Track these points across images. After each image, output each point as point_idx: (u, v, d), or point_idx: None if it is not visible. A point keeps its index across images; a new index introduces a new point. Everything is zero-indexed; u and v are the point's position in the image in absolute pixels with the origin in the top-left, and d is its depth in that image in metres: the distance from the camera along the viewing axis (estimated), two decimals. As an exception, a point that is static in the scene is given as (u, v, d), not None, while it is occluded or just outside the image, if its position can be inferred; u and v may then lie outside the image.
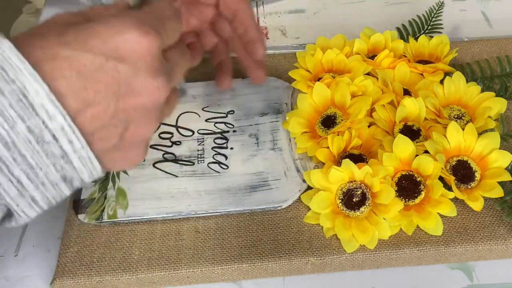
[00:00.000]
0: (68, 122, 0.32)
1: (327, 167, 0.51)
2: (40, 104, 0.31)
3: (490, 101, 0.57)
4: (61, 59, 0.32)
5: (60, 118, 0.31)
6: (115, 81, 0.33)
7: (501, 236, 0.50)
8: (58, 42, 0.32)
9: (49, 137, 0.31)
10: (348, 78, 0.57)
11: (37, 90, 0.31)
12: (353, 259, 0.49)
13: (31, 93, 0.30)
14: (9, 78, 0.30)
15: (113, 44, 0.33)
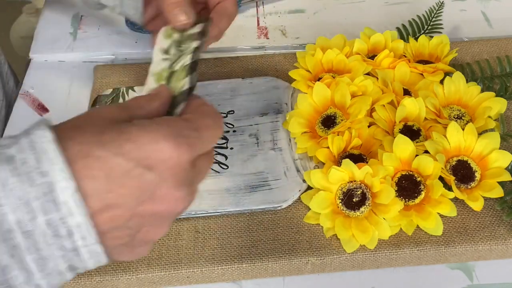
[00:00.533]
0: (86, 221, 0.32)
1: (327, 167, 0.51)
2: (64, 201, 0.31)
3: (490, 101, 0.57)
4: (94, 159, 0.32)
5: (79, 217, 0.32)
6: (139, 188, 0.34)
7: (501, 236, 0.50)
8: (95, 141, 0.33)
9: (64, 232, 0.32)
10: (348, 78, 0.57)
11: (64, 188, 0.31)
12: (353, 259, 0.49)
13: (58, 190, 0.31)
14: (42, 170, 0.31)
15: (146, 152, 0.34)
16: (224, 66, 0.65)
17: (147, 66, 0.65)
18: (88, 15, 0.72)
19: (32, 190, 0.31)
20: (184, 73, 0.46)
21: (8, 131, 0.62)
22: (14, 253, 0.31)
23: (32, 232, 0.31)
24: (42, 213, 0.31)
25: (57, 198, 0.31)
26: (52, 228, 0.31)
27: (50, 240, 0.32)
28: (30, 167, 0.31)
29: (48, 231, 0.31)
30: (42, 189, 0.31)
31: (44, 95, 0.65)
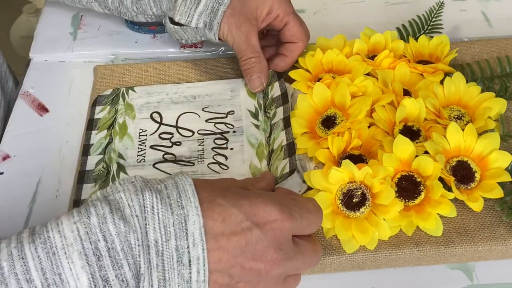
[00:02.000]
0: (204, 254, 0.39)
1: (327, 168, 0.51)
2: (192, 232, 0.39)
3: (490, 101, 0.57)
4: (216, 205, 0.40)
5: (200, 248, 0.39)
6: (246, 239, 0.40)
7: (501, 237, 0.50)
8: (220, 193, 0.41)
9: (186, 261, 0.38)
10: (348, 78, 0.57)
11: (194, 221, 0.39)
12: (353, 259, 0.49)
13: (190, 221, 0.39)
14: (181, 204, 0.39)
15: (256, 210, 0.41)
16: (224, 66, 0.65)
17: (147, 66, 0.65)
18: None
19: (171, 217, 0.39)
20: (283, 154, 0.54)
21: (8, 131, 0.62)
22: (148, 266, 0.38)
23: (163, 253, 0.38)
24: (174, 238, 0.38)
25: (188, 228, 0.39)
26: (178, 254, 0.38)
27: (174, 264, 0.38)
28: (173, 200, 0.39)
29: (174, 255, 0.38)
30: (179, 218, 0.39)
31: (44, 95, 0.65)
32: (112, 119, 0.59)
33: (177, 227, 0.38)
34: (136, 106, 0.61)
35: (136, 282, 0.38)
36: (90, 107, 0.61)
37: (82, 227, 0.37)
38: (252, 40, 0.59)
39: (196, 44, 0.69)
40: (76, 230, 0.37)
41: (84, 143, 0.58)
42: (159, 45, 0.69)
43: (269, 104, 0.59)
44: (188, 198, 0.39)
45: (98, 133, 0.58)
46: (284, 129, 0.56)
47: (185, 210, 0.39)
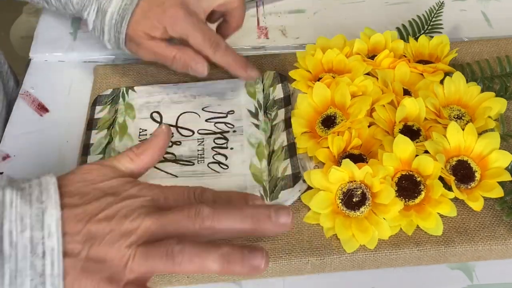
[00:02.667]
0: (59, 247, 0.38)
1: (327, 167, 0.51)
2: (48, 223, 0.38)
3: (490, 101, 0.57)
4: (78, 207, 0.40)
5: (55, 241, 0.38)
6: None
7: (501, 236, 0.50)
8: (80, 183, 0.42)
9: (40, 251, 0.38)
10: (348, 78, 0.57)
11: (52, 213, 0.39)
12: (353, 259, 0.49)
13: (47, 214, 0.39)
14: (41, 199, 0.39)
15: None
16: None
17: (147, 66, 0.65)
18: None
19: (29, 210, 0.39)
20: (283, 155, 0.54)
21: (8, 131, 0.62)
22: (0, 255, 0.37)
23: (16, 244, 0.38)
24: (30, 229, 0.38)
25: (44, 222, 0.38)
26: (32, 245, 0.38)
27: (28, 255, 0.38)
28: (34, 196, 0.39)
29: (28, 246, 0.38)
30: (37, 211, 0.39)
31: (44, 95, 0.65)
32: (112, 119, 0.59)
33: (34, 219, 0.38)
34: (136, 106, 0.61)
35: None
36: (90, 107, 0.61)
37: None
38: (160, 49, 0.58)
39: None
40: None
41: (84, 143, 0.58)
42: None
43: (270, 105, 0.59)
44: (50, 195, 0.39)
45: (98, 132, 0.58)
46: (285, 129, 0.56)
47: (45, 204, 0.39)
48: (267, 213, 0.40)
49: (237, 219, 0.40)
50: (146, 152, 0.46)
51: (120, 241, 0.39)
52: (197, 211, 0.40)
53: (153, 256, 0.39)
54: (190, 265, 0.38)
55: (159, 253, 0.39)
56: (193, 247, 0.39)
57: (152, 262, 0.39)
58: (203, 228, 0.40)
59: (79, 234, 0.39)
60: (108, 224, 0.39)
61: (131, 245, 0.39)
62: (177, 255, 0.38)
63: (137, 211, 0.40)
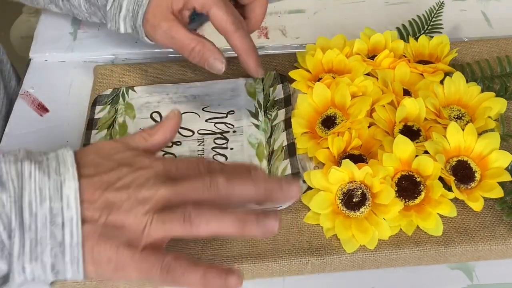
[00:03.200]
0: (78, 217, 0.39)
1: (327, 168, 0.51)
2: (67, 194, 0.39)
3: (490, 101, 0.57)
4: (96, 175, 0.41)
5: (74, 211, 0.39)
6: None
7: (501, 236, 0.50)
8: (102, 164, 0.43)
9: (60, 221, 0.39)
10: (348, 78, 0.57)
11: (70, 185, 0.40)
12: (353, 259, 0.49)
13: (66, 186, 0.40)
14: (59, 171, 0.40)
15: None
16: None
17: (147, 66, 0.65)
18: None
19: (47, 182, 0.40)
20: (283, 155, 0.55)
21: (8, 131, 0.62)
22: (20, 225, 0.38)
23: (36, 214, 0.39)
24: (49, 200, 0.39)
25: (62, 193, 0.39)
26: (52, 215, 0.39)
27: (47, 224, 0.39)
28: (51, 168, 0.40)
29: (48, 216, 0.39)
30: (55, 183, 0.40)
31: (44, 95, 0.65)
32: (112, 119, 0.59)
33: (52, 190, 0.39)
34: (136, 106, 0.61)
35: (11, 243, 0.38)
36: (90, 107, 0.61)
37: None
38: (179, 34, 0.56)
39: None
40: None
41: (84, 143, 0.58)
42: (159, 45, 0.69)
43: (270, 105, 0.59)
44: (67, 167, 0.40)
45: (98, 132, 0.58)
46: (285, 130, 0.56)
47: (63, 176, 0.40)
48: (279, 186, 0.43)
49: (251, 189, 0.42)
50: (159, 132, 0.46)
51: (137, 208, 0.40)
52: (212, 180, 0.41)
53: (171, 221, 0.40)
54: (207, 228, 0.40)
55: (176, 217, 0.40)
56: (210, 211, 0.40)
57: (170, 226, 0.40)
58: (218, 196, 0.41)
59: (97, 201, 0.40)
60: (125, 192, 0.40)
61: (148, 211, 0.40)
62: (194, 218, 0.40)
63: (152, 180, 0.41)
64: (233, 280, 0.40)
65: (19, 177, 0.40)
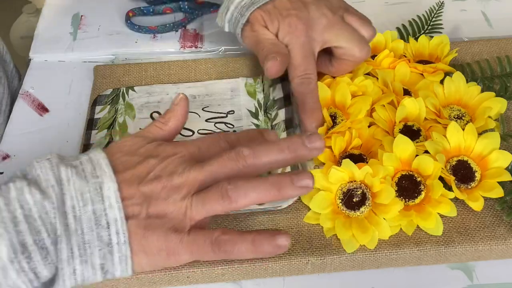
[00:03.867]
0: (122, 216, 0.40)
1: (327, 167, 0.51)
2: (108, 197, 0.40)
3: (490, 101, 0.57)
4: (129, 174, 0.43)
5: (117, 212, 0.40)
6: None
7: (501, 236, 0.50)
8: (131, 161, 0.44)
9: (104, 222, 0.40)
10: (348, 78, 0.57)
11: (109, 186, 0.41)
12: (353, 259, 0.49)
13: (105, 187, 0.41)
14: (95, 174, 0.41)
15: None
16: (224, 66, 0.65)
17: (147, 66, 0.65)
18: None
19: (86, 185, 0.41)
20: None
21: (8, 131, 0.62)
22: (65, 230, 0.39)
23: (81, 217, 0.40)
24: (91, 203, 0.40)
25: (103, 195, 0.40)
26: (96, 216, 0.40)
27: (93, 227, 0.40)
28: (87, 172, 0.41)
29: (92, 218, 0.40)
30: (94, 186, 0.41)
31: (44, 95, 0.65)
32: (112, 119, 0.59)
33: (93, 193, 0.40)
34: (136, 106, 0.61)
35: (55, 249, 0.39)
36: (90, 107, 0.61)
37: (2, 200, 0.39)
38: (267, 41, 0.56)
39: (195, 44, 0.69)
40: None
41: (84, 143, 0.58)
42: (159, 45, 0.69)
43: (270, 105, 0.59)
44: (103, 170, 0.42)
45: (98, 132, 0.58)
46: (285, 130, 0.56)
47: (100, 178, 0.41)
48: (301, 141, 0.44)
49: (275, 152, 0.43)
50: (171, 119, 0.47)
51: (174, 195, 0.42)
52: (237, 152, 0.43)
53: (209, 200, 0.42)
54: (246, 199, 0.42)
55: (214, 196, 0.42)
56: (244, 182, 0.42)
57: (209, 205, 0.42)
58: (246, 167, 0.43)
59: (134, 197, 0.41)
60: (158, 183, 0.42)
61: (185, 196, 0.42)
62: (231, 193, 0.41)
63: (181, 166, 0.43)
64: (282, 240, 0.42)
65: (58, 183, 0.40)
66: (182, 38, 0.70)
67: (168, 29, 0.70)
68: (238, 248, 0.42)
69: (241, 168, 0.43)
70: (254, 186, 0.42)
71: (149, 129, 0.47)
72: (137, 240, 0.41)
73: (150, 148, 0.44)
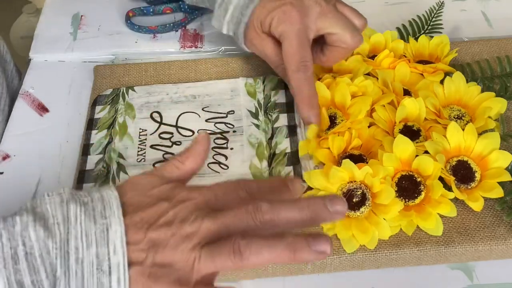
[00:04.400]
0: (125, 263, 0.38)
1: (327, 168, 0.51)
2: (113, 240, 0.38)
3: (490, 101, 0.57)
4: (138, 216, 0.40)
5: (120, 257, 0.38)
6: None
7: (501, 236, 0.50)
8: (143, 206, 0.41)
9: (106, 267, 0.38)
10: (348, 78, 0.57)
11: (116, 230, 0.39)
12: (353, 259, 0.49)
13: (112, 230, 0.39)
14: (104, 215, 0.39)
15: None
16: (224, 66, 0.65)
17: (147, 66, 0.65)
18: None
19: (94, 227, 0.39)
20: (286, 160, 0.55)
21: (8, 131, 0.62)
22: (65, 272, 0.38)
23: (83, 260, 0.38)
24: (95, 245, 0.38)
25: (108, 238, 0.38)
26: (98, 261, 0.38)
27: (94, 271, 0.38)
28: (97, 212, 0.40)
29: (95, 262, 0.38)
30: (101, 227, 0.39)
31: (44, 95, 0.65)
32: (112, 119, 0.59)
33: (98, 235, 0.39)
34: (136, 106, 0.61)
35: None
36: (90, 107, 0.61)
37: (6, 234, 0.38)
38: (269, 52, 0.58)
39: (195, 44, 0.69)
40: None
41: (84, 142, 0.58)
42: (159, 45, 0.69)
43: (271, 106, 0.60)
44: (113, 210, 0.40)
45: (98, 132, 0.58)
46: (288, 136, 0.56)
47: (108, 220, 0.39)
48: (322, 203, 0.40)
49: (295, 211, 0.40)
50: (190, 158, 0.45)
51: (183, 245, 0.39)
52: (255, 206, 0.40)
53: (220, 255, 0.39)
54: (258, 258, 0.38)
55: (225, 251, 0.39)
56: (259, 240, 0.39)
57: (219, 260, 0.39)
58: (263, 223, 0.40)
59: (141, 242, 0.39)
60: (168, 229, 0.39)
61: (195, 247, 0.39)
62: (244, 250, 0.38)
63: (194, 213, 0.40)
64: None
65: (65, 221, 0.39)
66: (182, 38, 0.70)
67: (168, 29, 0.70)
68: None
69: (257, 223, 0.40)
70: (270, 246, 0.39)
71: (165, 167, 0.44)
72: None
73: (165, 190, 0.42)
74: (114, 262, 0.38)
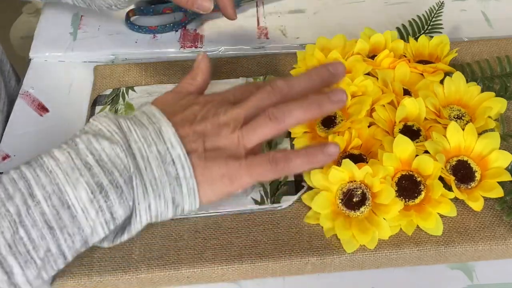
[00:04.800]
0: (184, 152, 0.44)
1: (327, 167, 0.51)
2: (168, 138, 0.45)
3: (490, 101, 0.57)
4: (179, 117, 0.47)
5: (179, 149, 0.44)
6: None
7: (501, 236, 0.50)
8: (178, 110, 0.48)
9: (170, 159, 0.44)
10: (348, 78, 0.57)
11: (167, 130, 0.45)
12: (353, 259, 0.49)
13: (164, 131, 0.45)
14: (152, 121, 0.46)
15: None
16: (224, 66, 0.65)
17: (147, 66, 0.65)
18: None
19: (147, 130, 0.45)
20: None
21: (8, 131, 0.62)
22: (137, 168, 0.43)
23: (148, 157, 0.44)
24: (155, 144, 0.44)
25: (164, 136, 0.45)
26: (161, 155, 0.44)
27: (161, 164, 0.44)
28: (144, 121, 0.46)
29: (158, 157, 0.44)
30: (154, 130, 0.45)
31: (44, 95, 0.65)
32: (112, 119, 0.59)
33: (154, 136, 0.45)
34: (136, 106, 0.61)
35: (129, 188, 0.43)
36: (90, 107, 0.61)
37: (72, 151, 0.43)
38: None
39: (195, 44, 0.69)
40: (67, 153, 0.43)
41: (84, 143, 0.58)
42: (159, 45, 0.69)
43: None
44: (157, 117, 0.46)
45: (98, 133, 0.58)
46: (288, 136, 0.56)
47: (157, 124, 0.45)
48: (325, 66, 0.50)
49: (306, 80, 0.49)
50: (198, 75, 0.52)
51: (224, 131, 0.46)
52: (271, 85, 0.48)
53: (259, 125, 0.46)
54: (292, 118, 0.46)
55: (262, 121, 0.46)
56: (288, 104, 0.46)
57: (260, 130, 0.46)
58: (283, 96, 0.47)
59: (189, 135, 0.46)
60: (208, 122, 0.46)
61: (234, 130, 0.46)
62: (277, 114, 0.46)
63: (223, 108, 0.47)
64: (331, 148, 0.46)
65: (121, 131, 0.44)
66: (182, 38, 0.70)
67: (168, 29, 0.70)
68: (294, 161, 0.46)
69: (278, 97, 0.47)
70: (297, 105, 0.46)
71: (181, 85, 0.51)
72: (200, 172, 0.45)
73: (190, 98, 0.49)
74: (175, 155, 0.44)
